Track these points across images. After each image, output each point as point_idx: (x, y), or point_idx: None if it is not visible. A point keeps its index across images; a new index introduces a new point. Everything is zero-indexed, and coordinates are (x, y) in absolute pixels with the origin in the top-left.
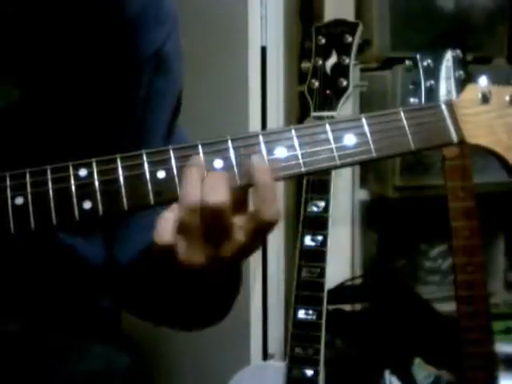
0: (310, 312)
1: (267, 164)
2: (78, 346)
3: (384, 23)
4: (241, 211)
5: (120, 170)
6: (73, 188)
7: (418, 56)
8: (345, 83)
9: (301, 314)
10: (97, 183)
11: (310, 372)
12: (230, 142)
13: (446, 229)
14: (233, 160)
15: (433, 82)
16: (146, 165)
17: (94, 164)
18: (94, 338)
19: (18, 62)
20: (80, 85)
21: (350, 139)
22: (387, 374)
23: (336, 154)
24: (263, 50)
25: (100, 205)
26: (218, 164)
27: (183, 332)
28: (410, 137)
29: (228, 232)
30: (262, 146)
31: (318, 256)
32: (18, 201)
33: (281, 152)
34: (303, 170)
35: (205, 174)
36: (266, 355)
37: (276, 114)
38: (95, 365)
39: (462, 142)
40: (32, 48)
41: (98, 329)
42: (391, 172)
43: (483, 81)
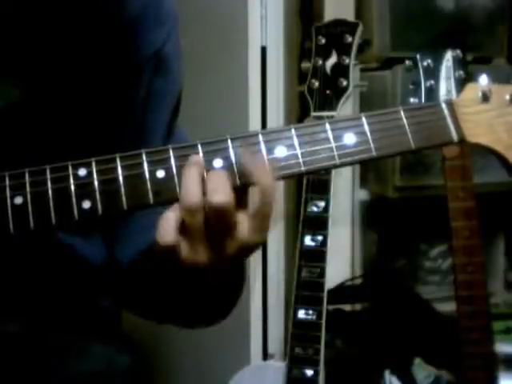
0: (310, 312)
1: (267, 163)
2: (78, 346)
3: (384, 23)
4: (241, 209)
5: (119, 169)
6: (72, 187)
7: (418, 56)
8: (345, 83)
9: (301, 313)
10: (96, 183)
11: (310, 372)
12: (229, 141)
13: (446, 229)
14: (232, 159)
15: (433, 81)
16: (145, 164)
17: (94, 163)
18: (94, 338)
19: (18, 61)
20: (80, 85)
21: (349, 138)
22: (387, 374)
23: (336, 153)
24: (263, 50)
25: (99, 204)
26: (217, 163)
27: (186, 329)
28: (410, 136)
29: (231, 231)
30: (261, 146)
31: (317, 256)
32: (18, 200)
33: (280, 151)
34: (303, 169)
35: (204, 173)
36: (266, 355)
37: (276, 114)
38: (95, 365)
39: (462, 140)
40: (32, 48)
41: (98, 329)
42: (391, 172)
43: (483, 79)
